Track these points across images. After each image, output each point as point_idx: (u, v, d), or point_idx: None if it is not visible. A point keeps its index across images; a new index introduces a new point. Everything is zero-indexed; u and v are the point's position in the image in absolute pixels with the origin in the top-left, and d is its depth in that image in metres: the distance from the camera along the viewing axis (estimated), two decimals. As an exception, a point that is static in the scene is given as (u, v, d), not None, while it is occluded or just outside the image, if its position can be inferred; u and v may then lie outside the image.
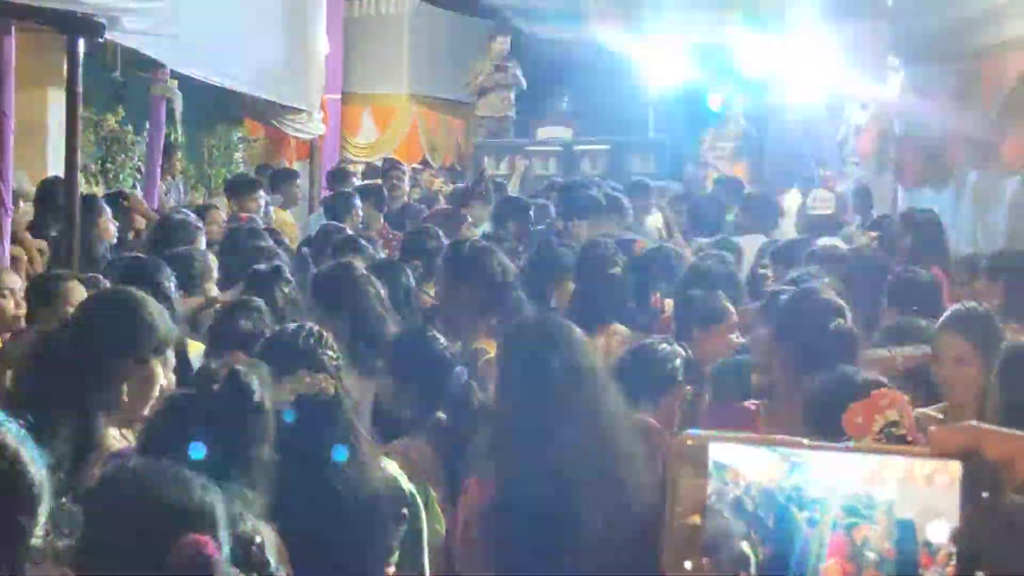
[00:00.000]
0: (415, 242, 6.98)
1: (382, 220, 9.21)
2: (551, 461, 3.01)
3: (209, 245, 6.65)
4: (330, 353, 3.15)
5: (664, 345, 4.22)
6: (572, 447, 3.02)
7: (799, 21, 14.44)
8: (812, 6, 13.95)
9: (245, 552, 2.14)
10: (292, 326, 3.28)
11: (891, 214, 11.16)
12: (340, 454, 2.97)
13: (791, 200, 11.23)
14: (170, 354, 3.25)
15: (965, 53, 9.16)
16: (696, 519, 0.82)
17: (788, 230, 9.71)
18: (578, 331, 3.35)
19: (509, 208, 8.48)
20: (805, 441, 0.84)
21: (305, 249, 6.98)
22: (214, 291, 5.43)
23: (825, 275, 5.78)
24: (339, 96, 15.14)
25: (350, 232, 7.31)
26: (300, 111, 13.06)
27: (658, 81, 16.24)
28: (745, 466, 0.82)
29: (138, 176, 10.41)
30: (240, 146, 12.81)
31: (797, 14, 14.35)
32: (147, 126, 10.12)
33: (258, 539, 2.22)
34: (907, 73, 11.30)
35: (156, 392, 3.09)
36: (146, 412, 3.05)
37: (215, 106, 12.17)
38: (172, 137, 10.54)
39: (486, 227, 8.38)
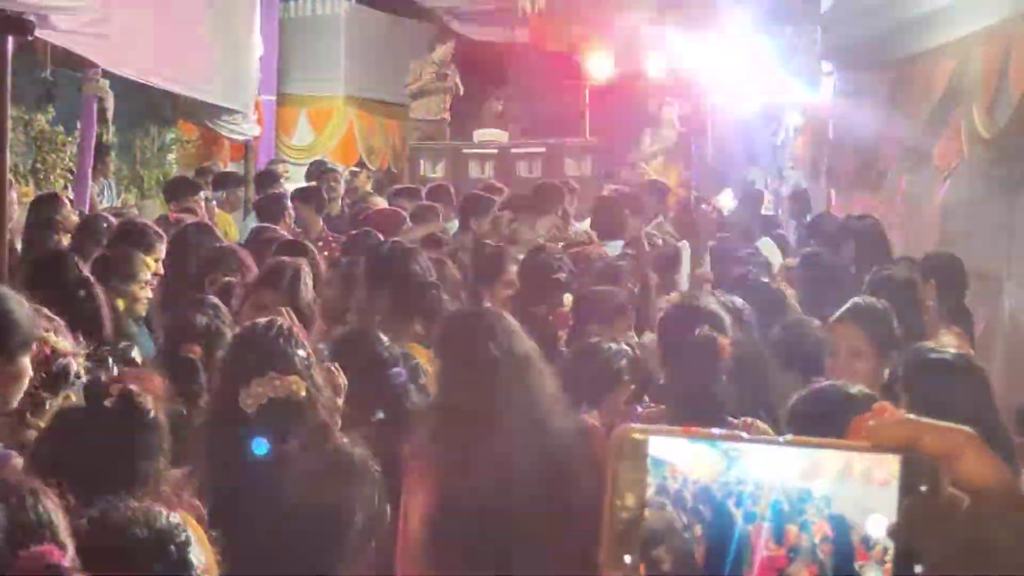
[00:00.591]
0: (358, 243, 6.91)
1: (321, 223, 9.12)
2: (492, 448, 3.01)
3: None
4: (300, 353, 3.09)
5: (611, 344, 4.23)
6: (512, 434, 3.02)
7: (734, 27, 14.58)
8: (747, 12, 14.09)
9: (162, 550, 2.13)
10: (262, 322, 3.20)
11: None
12: (260, 447, 2.92)
13: (725, 201, 11.35)
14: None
15: (896, 59, 9.30)
16: (635, 513, 0.81)
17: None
18: (513, 321, 3.36)
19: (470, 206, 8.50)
20: (744, 435, 0.83)
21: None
22: (141, 292, 5.36)
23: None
24: (274, 97, 15.04)
25: (285, 234, 7.25)
26: (234, 112, 12.96)
27: (594, 84, 16.30)
28: (683, 461, 0.82)
29: (69, 177, 10.25)
30: (173, 147, 12.67)
31: (732, 20, 14.48)
32: (78, 126, 9.97)
33: (181, 537, 2.20)
34: (840, 79, 11.45)
35: (24, 386, 3.10)
36: (14, 405, 3.07)
37: (147, 106, 12.04)
38: (104, 137, 10.39)
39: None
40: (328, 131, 16.57)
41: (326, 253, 7.37)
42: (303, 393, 2.99)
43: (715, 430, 0.84)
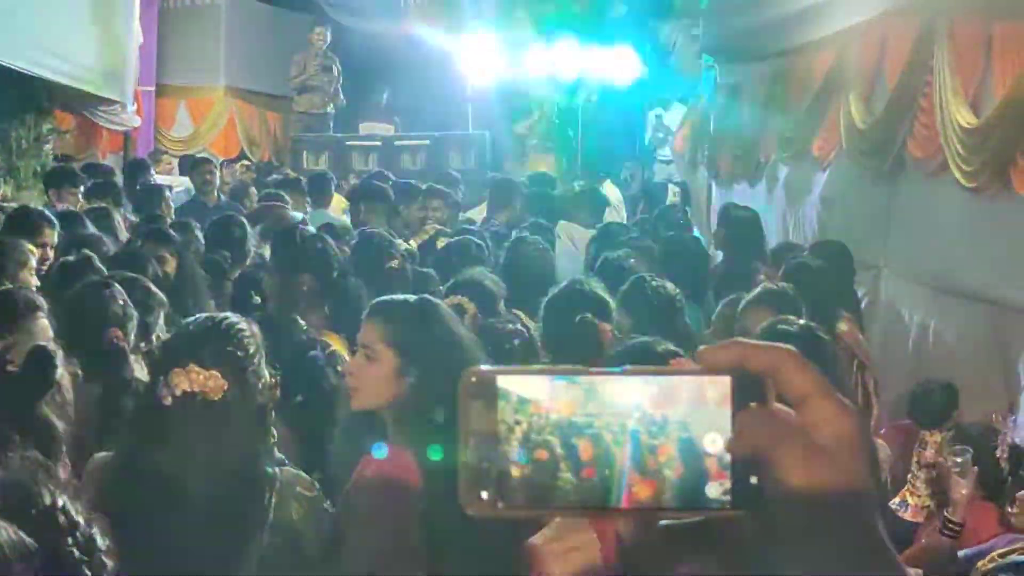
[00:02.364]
0: (221, 232, 6.85)
1: None
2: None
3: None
4: (239, 352, 2.91)
5: (509, 325, 4.29)
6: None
7: (614, 19, 14.75)
8: (627, 7, 14.26)
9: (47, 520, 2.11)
10: (206, 316, 3.08)
11: (704, 209, 11.55)
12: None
13: (609, 191, 11.48)
14: None
15: (776, 52, 9.50)
16: (488, 450, 0.84)
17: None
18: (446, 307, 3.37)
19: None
20: (583, 368, 0.87)
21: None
22: (31, 281, 5.27)
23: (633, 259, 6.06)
24: (153, 88, 14.78)
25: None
26: (113, 102, 12.72)
27: (477, 76, 16.33)
28: (543, 398, 0.85)
29: (-58, 168, 9.96)
30: (50, 137, 12.36)
31: (612, 13, 14.64)
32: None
33: (60, 502, 2.17)
34: (720, 72, 11.65)
35: None
36: None
37: (22, 96, 11.71)
38: (-22, 128, 10.11)
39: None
40: (208, 122, 16.33)
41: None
42: (219, 394, 2.84)
43: (558, 366, 0.89)
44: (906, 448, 5.11)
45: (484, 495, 0.85)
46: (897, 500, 4.81)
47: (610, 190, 11.55)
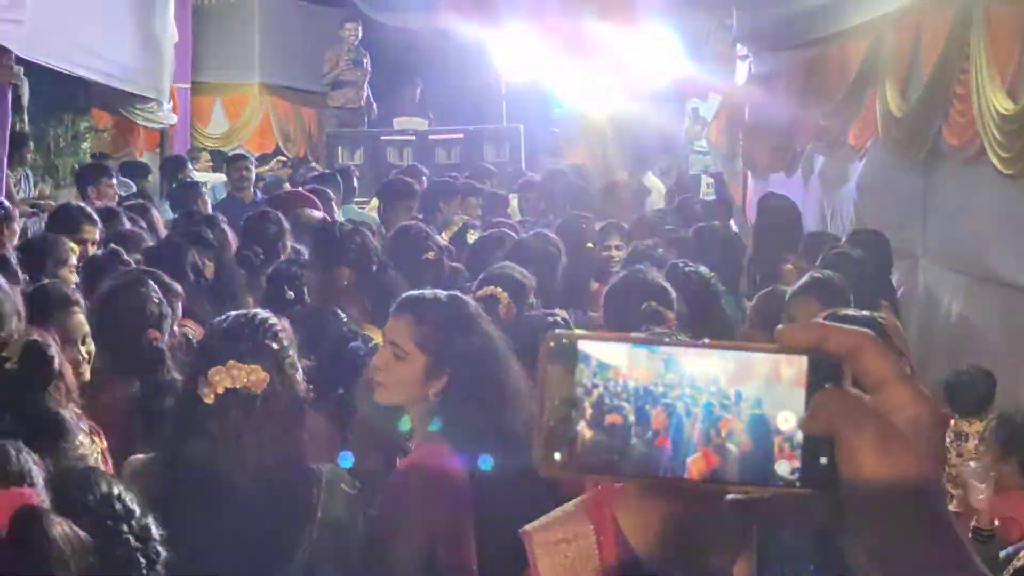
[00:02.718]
0: (257, 228, 6.87)
1: None
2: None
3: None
4: (274, 345, 2.91)
5: (549, 317, 4.28)
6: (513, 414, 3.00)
7: (648, 11, 14.70)
8: (660, -1, 14.22)
9: (105, 508, 2.13)
10: (237, 313, 3.05)
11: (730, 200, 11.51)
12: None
13: (652, 182, 11.50)
14: None
15: (811, 41, 9.45)
16: (565, 413, 0.86)
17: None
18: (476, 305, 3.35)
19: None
20: (666, 339, 0.90)
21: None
22: (70, 278, 5.32)
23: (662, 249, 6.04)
24: (188, 85, 14.84)
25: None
26: (149, 100, 12.79)
27: (511, 70, 16.33)
28: (622, 365, 0.86)
29: (-17, 166, 10.04)
30: (88, 136, 12.45)
31: (647, 4, 14.59)
32: (-9, 115, 9.76)
33: (116, 491, 2.19)
34: (755, 62, 11.60)
35: None
36: None
37: (60, 94, 11.80)
38: (18, 127, 10.19)
39: None
40: (243, 119, 16.41)
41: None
42: (263, 386, 2.83)
43: (636, 334, 0.90)
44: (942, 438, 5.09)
45: (557, 456, 0.86)
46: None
47: (653, 182, 11.55)
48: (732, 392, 0.86)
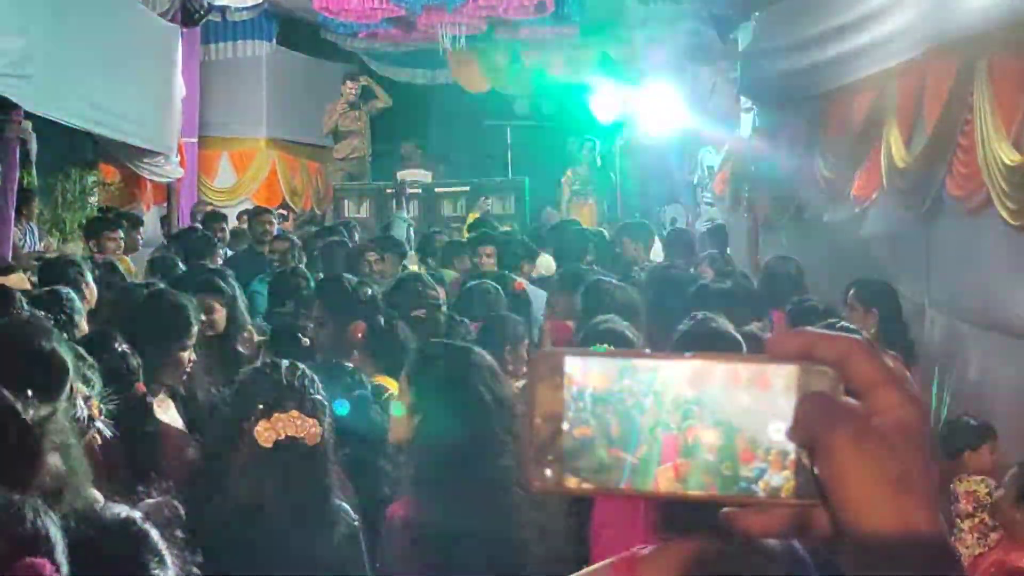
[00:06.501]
0: (284, 283, 6.92)
1: None
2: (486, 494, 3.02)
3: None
4: (319, 397, 3.06)
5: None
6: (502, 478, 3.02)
7: (653, 64, 14.80)
8: (665, 52, 14.31)
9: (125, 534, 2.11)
10: (286, 362, 3.15)
11: (747, 252, 11.51)
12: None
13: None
14: None
15: (815, 94, 9.49)
16: (553, 429, 0.85)
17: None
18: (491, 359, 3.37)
19: None
20: (647, 351, 0.88)
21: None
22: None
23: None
24: (196, 139, 14.93)
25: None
26: (156, 154, 12.87)
27: (515, 122, 16.43)
28: (592, 377, 0.86)
29: (-10, 219, 10.08)
30: (95, 190, 12.52)
31: (652, 57, 14.69)
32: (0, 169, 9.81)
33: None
34: (759, 114, 11.65)
35: None
36: None
37: (68, 149, 11.90)
38: (26, 181, 10.25)
39: None
40: (250, 173, 16.47)
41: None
42: (316, 440, 2.96)
43: (626, 350, 0.90)
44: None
45: (548, 473, 0.86)
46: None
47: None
48: (722, 403, 0.84)
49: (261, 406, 2.95)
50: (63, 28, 9.82)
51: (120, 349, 4.13)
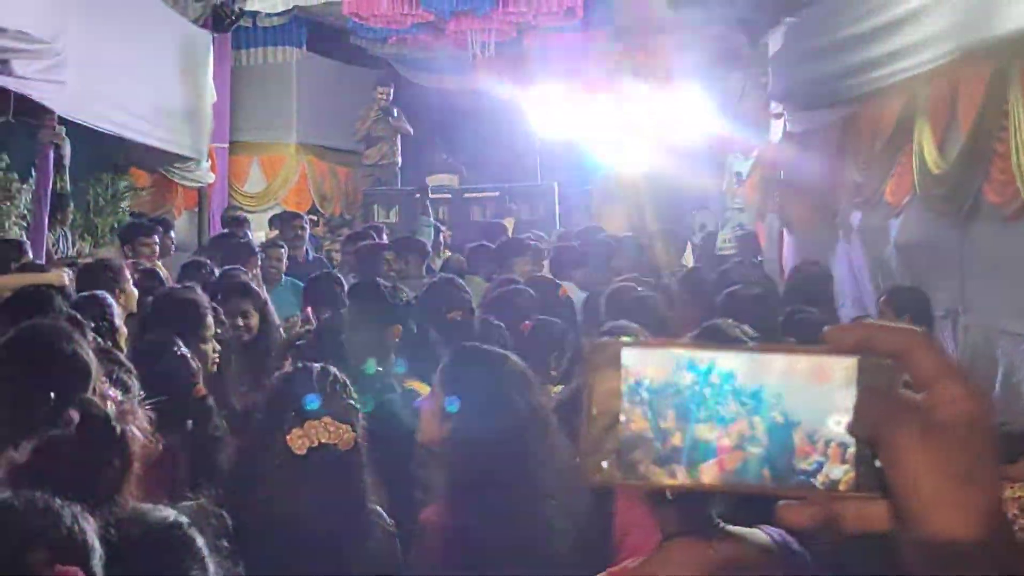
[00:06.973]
0: (320, 289, 6.91)
1: None
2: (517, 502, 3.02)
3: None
4: (351, 401, 3.06)
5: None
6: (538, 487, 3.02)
7: (683, 70, 14.76)
8: (695, 58, 14.27)
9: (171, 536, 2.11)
10: (317, 367, 3.14)
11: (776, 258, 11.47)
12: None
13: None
14: None
15: (847, 99, 9.44)
16: (610, 421, 0.85)
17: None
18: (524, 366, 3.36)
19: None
20: (710, 344, 0.87)
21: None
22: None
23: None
24: (227, 145, 14.99)
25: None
26: (187, 159, 12.94)
27: (545, 128, 16.42)
28: (652, 369, 0.86)
29: (23, 224, 10.15)
30: (127, 195, 12.58)
31: (681, 63, 14.65)
32: (33, 173, 9.88)
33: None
34: (790, 119, 11.60)
35: None
36: None
37: (100, 154, 11.95)
38: (59, 186, 10.30)
39: None
40: (280, 178, 16.53)
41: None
42: (350, 446, 2.95)
43: (683, 340, 0.89)
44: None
45: (604, 465, 0.85)
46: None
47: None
48: (783, 395, 0.84)
49: (293, 413, 2.95)
50: (96, 34, 9.88)
51: (180, 353, 4.18)
